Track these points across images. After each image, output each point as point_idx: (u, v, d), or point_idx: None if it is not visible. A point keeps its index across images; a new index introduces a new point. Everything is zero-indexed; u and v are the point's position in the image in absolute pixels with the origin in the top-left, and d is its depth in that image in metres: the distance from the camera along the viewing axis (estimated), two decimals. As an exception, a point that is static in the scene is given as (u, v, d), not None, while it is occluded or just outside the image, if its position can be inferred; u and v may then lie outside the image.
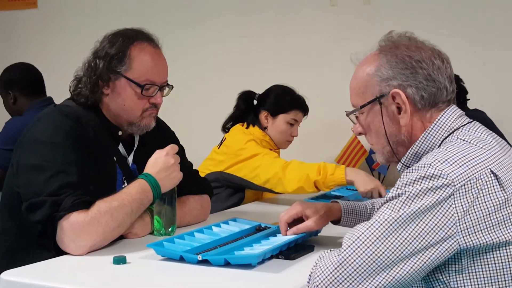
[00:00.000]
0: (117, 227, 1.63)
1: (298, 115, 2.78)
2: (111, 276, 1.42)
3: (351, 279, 1.12)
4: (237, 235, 1.71)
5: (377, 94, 1.35)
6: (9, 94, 3.06)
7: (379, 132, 1.38)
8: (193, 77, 3.66)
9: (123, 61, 1.78)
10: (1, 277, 1.40)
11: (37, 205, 1.60)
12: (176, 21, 3.76)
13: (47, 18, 4.16)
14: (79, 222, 1.57)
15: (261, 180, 2.55)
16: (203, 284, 1.37)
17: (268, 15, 3.60)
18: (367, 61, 1.39)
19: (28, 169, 1.67)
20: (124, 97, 1.81)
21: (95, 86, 1.80)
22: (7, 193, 1.79)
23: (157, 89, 1.84)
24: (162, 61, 1.86)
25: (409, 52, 1.32)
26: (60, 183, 1.60)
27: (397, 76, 1.32)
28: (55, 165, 1.63)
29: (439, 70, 1.32)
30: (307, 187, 2.45)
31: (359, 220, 1.70)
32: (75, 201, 1.58)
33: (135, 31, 1.85)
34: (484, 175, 1.17)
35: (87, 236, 1.57)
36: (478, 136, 1.28)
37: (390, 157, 1.40)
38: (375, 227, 1.15)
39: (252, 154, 2.59)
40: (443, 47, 1.41)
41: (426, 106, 1.33)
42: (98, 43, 1.84)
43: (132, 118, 1.83)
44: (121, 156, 1.87)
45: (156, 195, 1.72)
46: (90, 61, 1.81)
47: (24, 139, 1.75)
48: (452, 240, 1.14)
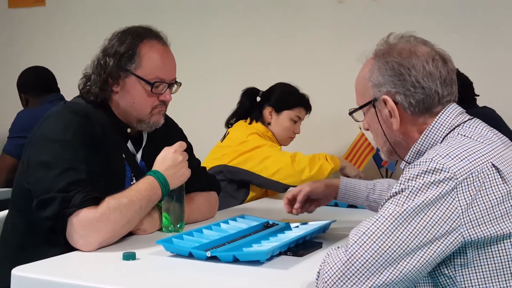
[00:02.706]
0: (126, 223, 1.65)
1: (301, 112, 2.84)
2: (120, 272, 1.43)
3: (359, 274, 1.13)
4: (245, 231, 1.72)
5: (371, 97, 1.39)
6: (22, 96, 3.27)
7: (377, 131, 1.42)
8: (198, 75, 3.67)
9: (133, 59, 1.79)
10: (12, 273, 1.41)
11: (47, 202, 1.61)
12: (181, 19, 3.77)
13: (55, 15, 4.18)
14: (88, 219, 1.58)
15: (270, 171, 2.58)
16: (212, 280, 1.38)
17: (275, 12, 3.60)
18: (366, 64, 1.42)
19: (38, 166, 1.68)
20: (134, 94, 1.82)
21: (104, 83, 1.81)
22: (18, 190, 1.80)
23: (166, 86, 1.85)
24: (171, 59, 1.88)
25: (400, 59, 1.34)
26: (69, 180, 1.61)
27: (386, 82, 1.35)
28: (64, 162, 1.64)
29: (430, 75, 1.33)
30: (320, 175, 2.56)
31: (356, 197, 1.84)
32: (84, 198, 1.59)
33: (144, 29, 1.86)
34: (485, 168, 1.18)
35: (97, 233, 1.58)
36: (479, 132, 1.29)
37: (391, 155, 1.45)
38: (380, 222, 1.16)
39: (255, 145, 2.63)
40: (449, 45, 1.41)
41: (417, 112, 1.35)
42: (107, 41, 1.84)
43: (141, 116, 1.85)
44: (130, 153, 1.89)
45: (165, 192, 1.73)
46: (100, 59, 1.82)
47: (34, 137, 1.76)
48: (457, 233, 1.15)
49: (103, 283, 1.35)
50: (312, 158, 2.59)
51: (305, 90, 2.86)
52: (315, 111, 2.94)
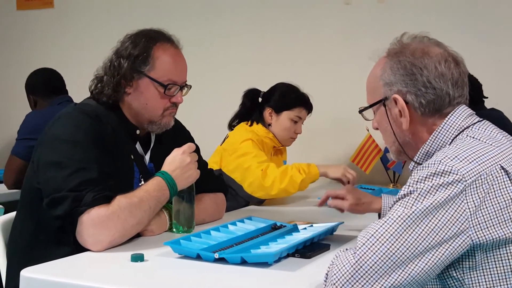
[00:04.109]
0: (136, 223, 1.66)
1: (302, 112, 2.80)
2: (129, 274, 1.43)
3: (367, 277, 1.13)
4: (253, 233, 1.72)
5: (382, 96, 1.39)
6: (30, 98, 3.26)
7: (387, 130, 1.42)
8: (204, 74, 3.67)
9: (147, 61, 1.82)
10: (21, 274, 1.42)
11: (58, 201, 1.63)
12: (187, 19, 3.78)
13: (63, 17, 4.20)
14: (100, 217, 1.59)
15: (245, 183, 2.56)
16: (220, 281, 1.38)
17: (282, 13, 3.61)
18: (378, 62, 1.43)
19: (49, 165, 1.69)
20: (147, 96, 1.84)
21: (118, 85, 1.83)
22: (27, 190, 1.82)
23: (178, 88, 1.87)
24: (183, 62, 1.90)
25: (412, 59, 1.34)
26: (80, 180, 1.63)
27: (398, 81, 1.35)
28: (76, 162, 1.66)
29: (442, 76, 1.33)
30: (291, 188, 2.52)
31: None
32: (95, 196, 1.61)
33: (156, 32, 1.88)
34: (494, 170, 1.18)
35: (106, 231, 1.60)
36: (488, 134, 1.29)
37: (399, 155, 1.44)
38: (388, 225, 1.16)
39: (243, 152, 2.60)
40: (457, 46, 1.41)
41: (427, 113, 1.35)
42: (120, 43, 1.86)
43: (153, 117, 1.86)
44: (138, 154, 1.90)
45: (173, 192, 1.74)
46: (113, 61, 1.84)
47: (45, 137, 1.77)
48: (465, 235, 1.15)
49: (111, 284, 1.35)
50: (284, 171, 2.53)
51: (311, 91, 2.84)
52: (321, 111, 2.92)
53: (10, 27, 4.37)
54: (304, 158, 3.39)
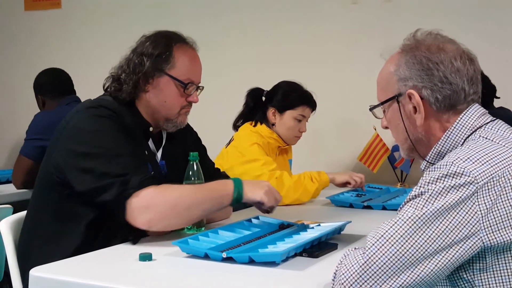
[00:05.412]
0: (186, 207, 1.69)
1: (305, 110, 2.76)
2: (137, 273, 1.44)
3: (376, 277, 1.13)
4: (261, 233, 1.72)
5: (395, 92, 1.37)
6: (39, 98, 3.27)
7: (399, 128, 1.40)
8: (210, 74, 3.66)
9: (169, 60, 1.87)
10: (30, 273, 1.43)
11: (103, 188, 1.66)
12: (193, 19, 3.76)
13: (71, 18, 4.21)
14: (148, 196, 1.64)
15: None
16: (227, 281, 1.38)
17: (288, 13, 3.60)
18: (391, 58, 1.41)
19: (79, 157, 1.72)
20: (166, 94, 1.88)
21: (137, 82, 1.86)
22: (44, 185, 1.83)
23: (195, 88, 1.92)
24: (199, 63, 1.96)
25: (428, 54, 1.33)
26: (120, 165, 1.68)
27: (413, 77, 1.34)
28: (107, 150, 1.71)
29: (458, 72, 1.32)
30: (304, 197, 2.52)
31: None
32: (142, 179, 1.66)
33: (174, 33, 1.94)
34: (506, 172, 1.17)
35: (153, 209, 1.64)
36: (501, 134, 1.28)
37: (411, 152, 1.42)
38: (399, 225, 1.15)
39: (250, 158, 2.59)
40: (464, 45, 1.40)
41: (442, 108, 1.33)
42: (138, 43, 1.91)
43: (170, 115, 1.91)
44: (151, 151, 1.93)
45: (235, 199, 1.76)
46: (133, 59, 1.88)
47: (65, 132, 1.79)
48: (476, 237, 1.14)
49: (119, 283, 1.36)
50: (297, 180, 2.51)
51: (317, 90, 2.82)
52: (327, 111, 2.90)
53: (18, 27, 4.38)
54: (310, 157, 3.41)
